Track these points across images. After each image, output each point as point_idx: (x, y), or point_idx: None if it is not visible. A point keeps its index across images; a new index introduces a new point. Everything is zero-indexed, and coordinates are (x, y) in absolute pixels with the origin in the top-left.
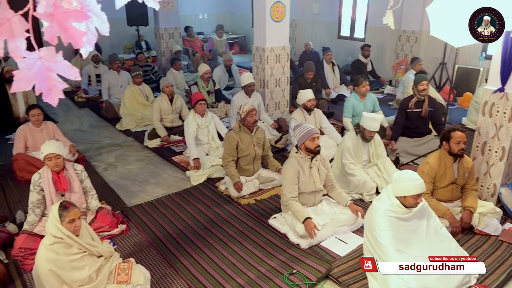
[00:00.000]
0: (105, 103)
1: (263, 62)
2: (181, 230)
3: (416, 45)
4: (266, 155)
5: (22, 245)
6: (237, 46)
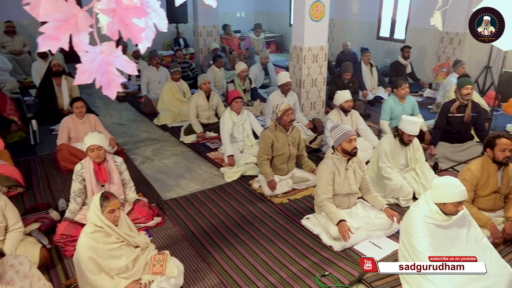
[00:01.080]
0: (143, 98)
1: (300, 61)
2: (214, 225)
3: (459, 47)
4: (300, 155)
5: (63, 232)
6: (274, 45)
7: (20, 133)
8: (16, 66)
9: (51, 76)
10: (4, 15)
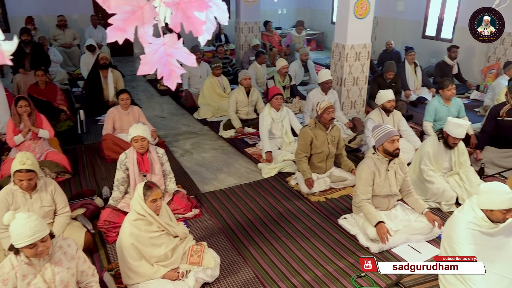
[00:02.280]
0: (184, 92)
1: (342, 59)
2: (251, 220)
3: (511, 48)
4: (339, 154)
5: (106, 218)
6: (314, 43)
7: (68, 122)
8: (66, 58)
9: (98, 68)
10: (57, 10)
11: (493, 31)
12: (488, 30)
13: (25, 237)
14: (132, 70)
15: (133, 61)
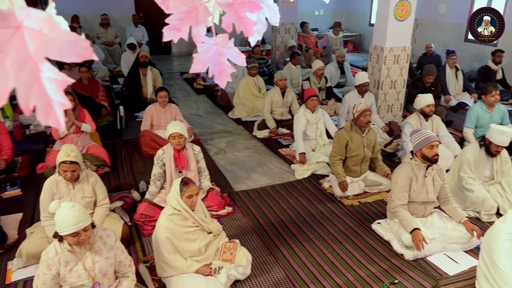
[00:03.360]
0: (220, 91)
1: (380, 62)
2: (283, 220)
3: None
4: (375, 158)
5: (143, 211)
6: (351, 45)
7: (108, 118)
8: (107, 56)
9: (138, 66)
10: (101, 9)
11: (493, 31)
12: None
13: (69, 225)
14: (170, 68)
15: (170, 59)
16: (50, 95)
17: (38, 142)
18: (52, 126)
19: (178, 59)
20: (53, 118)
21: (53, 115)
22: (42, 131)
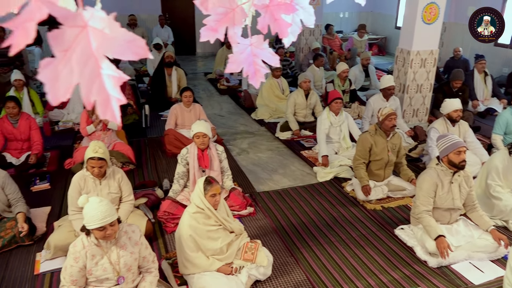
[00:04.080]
0: (243, 92)
1: (406, 65)
2: (304, 222)
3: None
4: (399, 163)
5: (166, 209)
6: (376, 47)
7: (134, 116)
8: None
9: (164, 66)
10: (129, 9)
11: (493, 31)
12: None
13: (97, 220)
14: (194, 68)
15: (195, 60)
16: (109, 90)
17: (66, 138)
18: (109, 119)
19: (202, 59)
20: (110, 112)
21: (111, 110)
22: (70, 127)
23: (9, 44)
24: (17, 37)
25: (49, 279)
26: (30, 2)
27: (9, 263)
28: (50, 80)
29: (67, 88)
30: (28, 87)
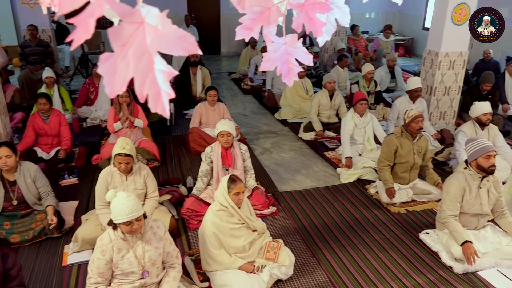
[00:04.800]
0: (267, 92)
1: (434, 67)
2: (327, 224)
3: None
4: (425, 166)
5: (189, 206)
6: (402, 49)
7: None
8: None
9: (189, 65)
10: None
11: (493, 31)
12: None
13: (124, 214)
14: (218, 68)
15: (219, 59)
16: (160, 85)
17: (94, 134)
18: (159, 113)
19: (226, 59)
20: (160, 106)
21: (161, 104)
22: (98, 124)
23: (71, 39)
24: (78, 33)
25: (76, 270)
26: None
27: (38, 254)
28: (108, 74)
29: (123, 81)
30: (58, 84)
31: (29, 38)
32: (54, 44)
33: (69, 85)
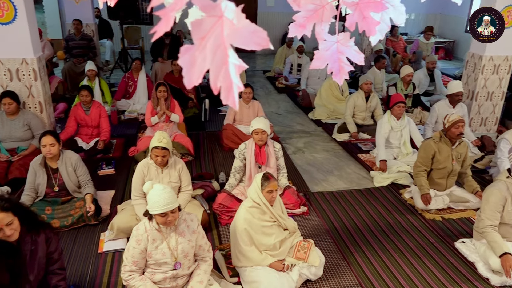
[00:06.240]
0: (302, 91)
1: (477, 71)
2: (358, 227)
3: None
4: (464, 173)
5: (221, 201)
6: (443, 51)
7: (194, 110)
8: None
9: None
10: None
11: (493, 31)
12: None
13: (159, 206)
14: (253, 66)
15: (254, 58)
16: (232, 78)
17: (131, 127)
18: (229, 105)
19: (261, 57)
20: (231, 98)
21: (232, 96)
22: (135, 117)
23: (154, 31)
24: (161, 25)
25: (111, 258)
26: None
27: (76, 239)
28: (187, 65)
29: (200, 73)
30: (99, 77)
31: (74, 32)
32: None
33: (109, 78)
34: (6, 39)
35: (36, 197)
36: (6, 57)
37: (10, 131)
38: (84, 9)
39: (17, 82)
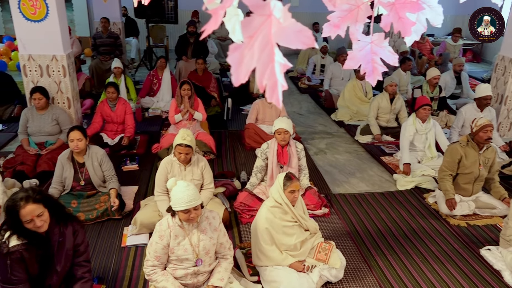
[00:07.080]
0: (324, 92)
1: (506, 74)
2: (380, 230)
3: None
4: (491, 179)
5: (243, 200)
6: (470, 54)
7: (216, 108)
8: (220, 50)
9: None
10: None
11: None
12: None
13: (183, 202)
14: None
15: None
16: (277, 76)
17: (155, 124)
18: (274, 103)
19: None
20: (276, 97)
21: (276, 94)
22: (159, 115)
23: (203, 29)
24: (211, 23)
25: (133, 252)
26: None
27: (100, 233)
28: (235, 63)
29: (247, 71)
30: (125, 74)
31: (101, 30)
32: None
33: (134, 76)
34: (38, 36)
35: (63, 190)
36: (37, 53)
37: (39, 125)
38: (111, 8)
39: (47, 78)
